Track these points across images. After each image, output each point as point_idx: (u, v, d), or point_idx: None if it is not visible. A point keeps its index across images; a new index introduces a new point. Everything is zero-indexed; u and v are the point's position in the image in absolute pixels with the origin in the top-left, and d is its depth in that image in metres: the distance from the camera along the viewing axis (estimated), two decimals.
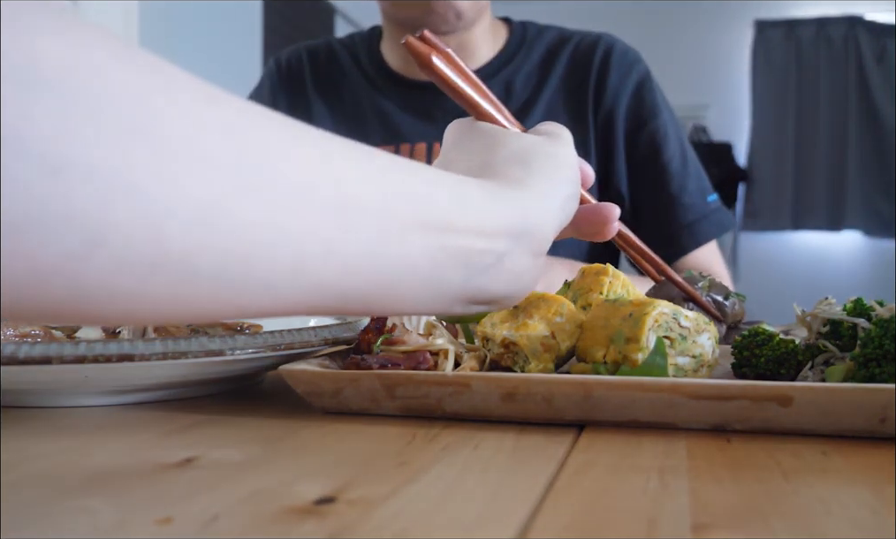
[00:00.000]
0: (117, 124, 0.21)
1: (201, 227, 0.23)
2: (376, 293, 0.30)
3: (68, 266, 0.21)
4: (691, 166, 1.05)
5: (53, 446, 0.37)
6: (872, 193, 4.64)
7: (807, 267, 4.67)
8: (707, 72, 4.73)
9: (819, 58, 4.74)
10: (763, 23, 4.77)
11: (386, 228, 0.29)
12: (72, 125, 0.21)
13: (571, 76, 1.07)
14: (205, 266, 0.24)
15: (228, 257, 0.24)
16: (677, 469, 0.32)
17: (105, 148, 0.21)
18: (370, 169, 0.30)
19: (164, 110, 0.23)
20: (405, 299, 0.32)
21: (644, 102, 1.05)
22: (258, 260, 0.25)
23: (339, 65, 1.12)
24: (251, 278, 0.25)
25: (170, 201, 0.22)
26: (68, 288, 0.22)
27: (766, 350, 0.44)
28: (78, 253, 0.21)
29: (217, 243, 0.24)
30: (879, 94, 4.65)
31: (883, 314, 0.42)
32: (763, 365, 0.44)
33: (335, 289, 0.28)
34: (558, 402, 0.39)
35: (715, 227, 1.03)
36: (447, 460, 0.34)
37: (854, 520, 0.26)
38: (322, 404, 0.43)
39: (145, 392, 0.47)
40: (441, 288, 0.32)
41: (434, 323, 0.51)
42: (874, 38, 4.68)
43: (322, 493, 0.29)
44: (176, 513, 0.27)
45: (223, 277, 0.25)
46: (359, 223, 0.28)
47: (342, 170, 0.28)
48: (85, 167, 0.21)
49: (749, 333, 0.45)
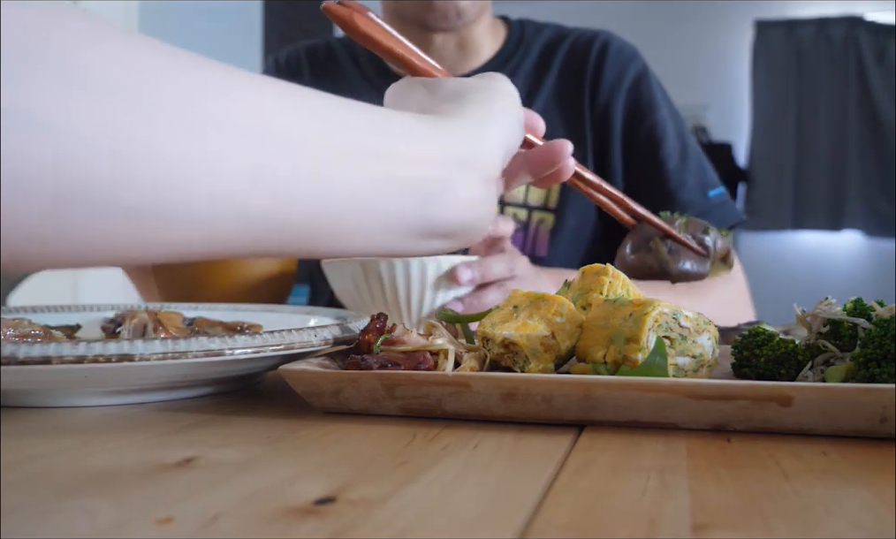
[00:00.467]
0: None
1: (120, 160, 0.24)
2: (320, 226, 0.30)
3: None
4: (692, 161, 1.03)
5: (53, 446, 0.37)
6: (872, 193, 4.64)
7: (807, 267, 4.66)
8: (707, 72, 4.73)
9: (819, 58, 4.74)
10: (763, 23, 4.77)
11: (320, 157, 0.30)
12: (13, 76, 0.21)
13: (567, 73, 1.06)
14: (129, 199, 0.25)
15: (151, 190, 0.25)
16: (677, 469, 0.32)
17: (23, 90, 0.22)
18: (302, 103, 0.30)
19: (93, 56, 0.24)
20: (353, 232, 0.32)
21: (641, 97, 1.04)
22: (179, 190, 0.25)
23: (338, 65, 1.12)
24: (177, 210, 0.26)
25: (84, 135, 0.23)
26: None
27: (766, 350, 0.44)
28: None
29: (139, 177, 0.24)
30: (879, 94, 4.65)
31: (883, 314, 0.42)
32: (762, 365, 0.44)
33: (271, 220, 0.29)
34: (558, 402, 0.39)
35: (717, 223, 1.02)
36: (447, 460, 0.34)
37: (854, 520, 0.26)
38: (322, 404, 0.43)
39: (145, 392, 0.47)
40: (391, 220, 0.33)
41: (434, 323, 0.51)
42: (874, 38, 4.67)
43: (322, 493, 0.29)
44: (176, 513, 0.27)
45: (148, 211, 0.25)
46: (285, 152, 0.28)
47: (270, 105, 0.29)
48: None
49: (749, 333, 0.45)
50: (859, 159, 4.67)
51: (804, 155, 4.77)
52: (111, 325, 0.62)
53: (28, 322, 0.53)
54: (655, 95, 1.05)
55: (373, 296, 0.69)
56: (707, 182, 1.03)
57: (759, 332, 0.45)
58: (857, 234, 4.71)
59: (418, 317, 0.70)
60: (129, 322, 0.58)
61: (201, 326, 0.60)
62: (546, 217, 1.00)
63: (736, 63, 4.81)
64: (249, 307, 0.66)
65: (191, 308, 0.66)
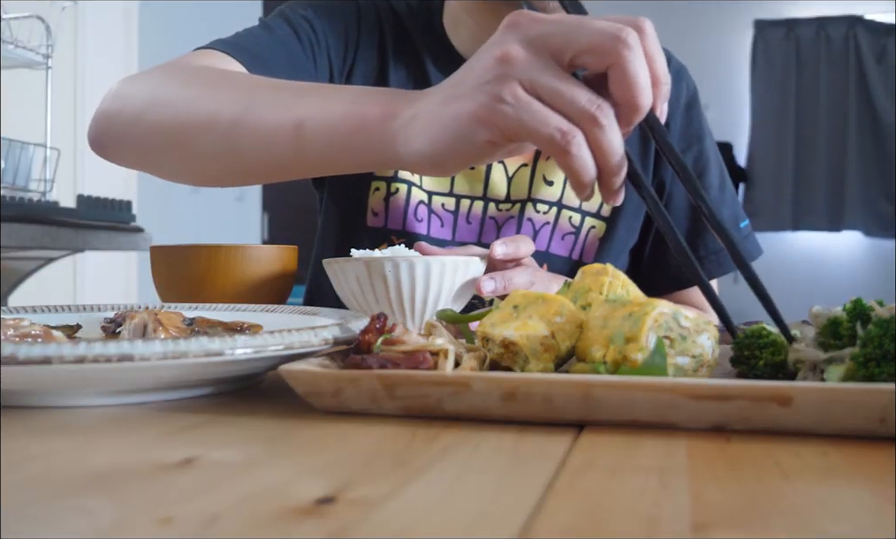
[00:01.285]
0: None
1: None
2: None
3: None
4: (728, 194, 1.03)
5: (53, 446, 0.37)
6: (872, 193, 4.65)
7: (807, 267, 4.67)
8: (707, 72, 4.72)
9: (819, 58, 4.75)
10: (763, 23, 4.78)
11: None
12: None
13: None
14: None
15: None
16: (677, 469, 0.32)
17: None
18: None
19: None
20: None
21: (693, 121, 1.02)
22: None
23: (408, 34, 1.00)
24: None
25: None
26: None
27: (766, 354, 0.44)
28: None
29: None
30: (879, 94, 4.65)
31: (883, 314, 0.42)
32: (760, 368, 0.44)
33: None
34: (558, 402, 0.39)
35: (745, 255, 1.00)
36: (447, 460, 0.34)
37: (854, 520, 0.26)
38: (322, 404, 0.43)
39: (145, 392, 0.47)
40: None
41: (434, 323, 0.51)
42: (874, 38, 4.68)
43: (322, 493, 0.29)
44: (176, 513, 0.27)
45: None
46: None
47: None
48: None
49: (750, 333, 0.45)
50: (859, 159, 4.68)
51: (804, 155, 4.77)
52: (111, 325, 0.62)
53: (28, 322, 0.53)
54: (703, 122, 1.03)
55: (377, 296, 0.69)
56: (738, 214, 1.03)
57: (761, 333, 0.45)
58: (857, 234, 4.72)
59: (422, 318, 0.70)
60: (129, 322, 0.58)
61: (201, 326, 0.60)
62: (598, 225, 1.00)
63: (736, 63, 4.82)
64: (249, 307, 0.66)
65: (191, 308, 0.66)
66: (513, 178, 0.97)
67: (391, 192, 0.97)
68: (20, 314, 0.62)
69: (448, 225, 0.98)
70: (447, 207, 0.98)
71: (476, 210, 0.98)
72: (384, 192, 0.97)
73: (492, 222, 0.98)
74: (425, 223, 0.97)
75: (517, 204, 0.97)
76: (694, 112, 1.03)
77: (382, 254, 0.70)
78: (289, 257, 0.80)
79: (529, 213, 0.97)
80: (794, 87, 4.77)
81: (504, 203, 0.98)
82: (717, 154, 1.05)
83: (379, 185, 0.97)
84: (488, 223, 0.98)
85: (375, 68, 0.99)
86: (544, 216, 0.97)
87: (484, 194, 0.97)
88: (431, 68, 0.98)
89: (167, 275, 0.78)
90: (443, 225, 0.97)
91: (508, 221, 0.97)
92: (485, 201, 0.97)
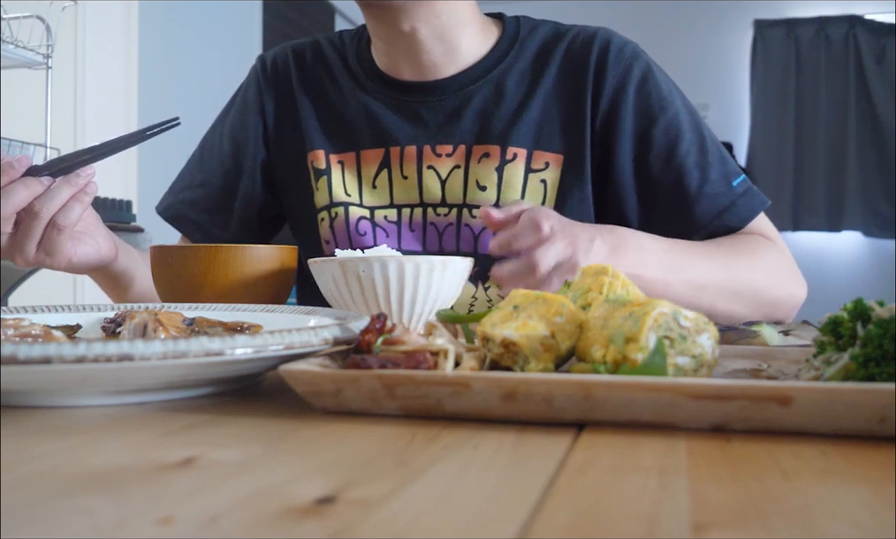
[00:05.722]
0: None
1: None
2: None
3: None
4: (711, 154, 0.99)
5: (53, 446, 0.37)
6: (872, 193, 4.64)
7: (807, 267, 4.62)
8: (707, 72, 4.73)
9: (819, 58, 4.75)
10: (762, 23, 4.77)
11: None
12: None
13: (566, 74, 1.01)
14: None
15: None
16: (677, 469, 0.32)
17: None
18: None
19: None
20: None
21: (650, 96, 1.00)
22: None
23: (327, 65, 1.09)
24: None
25: None
26: None
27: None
28: None
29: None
30: (879, 94, 4.65)
31: (883, 314, 0.42)
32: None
33: None
34: (558, 402, 0.39)
35: (745, 211, 0.98)
36: (447, 460, 0.34)
37: (854, 520, 0.26)
38: (322, 404, 0.43)
39: (145, 392, 0.47)
40: None
41: (434, 323, 0.51)
42: (874, 38, 4.68)
43: (322, 493, 0.29)
44: (176, 513, 0.27)
45: None
46: None
47: None
48: None
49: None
50: (858, 159, 4.67)
51: (804, 155, 4.77)
52: (111, 325, 0.62)
53: (28, 322, 0.53)
54: (663, 92, 1.01)
55: (352, 295, 0.70)
56: (729, 172, 1.00)
57: None
58: (857, 234, 4.71)
59: (399, 317, 0.70)
60: (129, 322, 0.58)
61: (201, 326, 0.60)
62: None
63: (736, 63, 4.81)
64: (249, 307, 0.66)
65: (191, 308, 0.66)
66: (447, 181, 1.01)
67: (332, 217, 1.03)
68: (20, 313, 0.62)
69: (393, 235, 1.02)
70: (389, 218, 1.03)
71: (417, 217, 1.02)
72: (328, 220, 1.04)
73: (433, 228, 1.01)
74: (370, 236, 1.02)
75: (454, 209, 1.00)
76: (650, 86, 1.00)
77: (361, 254, 0.70)
78: (288, 257, 0.80)
79: (466, 220, 1.00)
80: (794, 88, 4.77)
81: (442, 207, 1.01)
82: (693, 116, 1.02)
83: (323, 216, 1.04)
84: (429, 228, 1.01)
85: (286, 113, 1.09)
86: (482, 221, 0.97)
87: (421, 200, 1.01)
88: (355, 87, 1.06)
89: (167, 275, 0.78)
90: (388, 236, 1.02)
91: (447, 228, 1.01)
92: (423, 206, 1.01)
